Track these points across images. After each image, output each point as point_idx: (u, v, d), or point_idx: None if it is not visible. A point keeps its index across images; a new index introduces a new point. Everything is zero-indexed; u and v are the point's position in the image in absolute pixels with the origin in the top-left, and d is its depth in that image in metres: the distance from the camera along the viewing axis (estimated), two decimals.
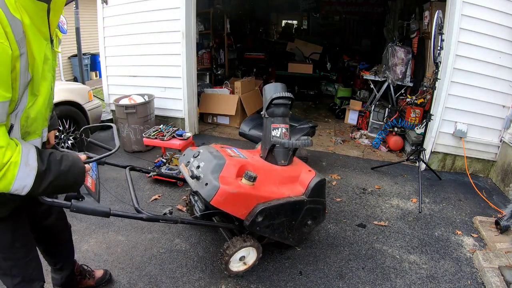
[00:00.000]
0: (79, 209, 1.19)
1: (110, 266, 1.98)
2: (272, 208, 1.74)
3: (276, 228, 1.84)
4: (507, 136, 3.20)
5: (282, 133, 2.04)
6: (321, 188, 1.98)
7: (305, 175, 2.00)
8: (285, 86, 2.17)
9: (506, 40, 3.00)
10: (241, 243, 1.81)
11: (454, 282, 1.97)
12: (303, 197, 1.90)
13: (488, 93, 3.16)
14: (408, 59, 4.50)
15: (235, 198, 1.65)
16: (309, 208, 1.92)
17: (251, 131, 2.98)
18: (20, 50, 0.89)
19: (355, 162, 3.70)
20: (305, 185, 1.94)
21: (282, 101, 2.07)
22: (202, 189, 1.66)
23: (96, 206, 1.24)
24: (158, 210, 2.60)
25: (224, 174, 1.70)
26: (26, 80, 0.94)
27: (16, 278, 1.23)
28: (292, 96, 2.09)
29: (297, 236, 2.01)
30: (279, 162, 2.03)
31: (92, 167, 1.47)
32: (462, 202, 2.92)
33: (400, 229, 2.48)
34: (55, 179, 1.00)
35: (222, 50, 6.41)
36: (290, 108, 2.14)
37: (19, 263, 1.23)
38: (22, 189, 0.94)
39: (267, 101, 2.08)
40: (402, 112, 4.12)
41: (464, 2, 2.94)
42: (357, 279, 1.97)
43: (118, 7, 4.06)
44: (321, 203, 2.01)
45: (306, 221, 1.98)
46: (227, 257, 1.79)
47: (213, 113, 4.85)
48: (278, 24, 9.78)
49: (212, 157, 1.81)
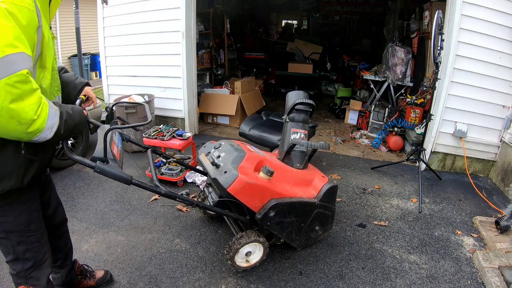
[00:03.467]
0: (103, 171, 1.22)
1: (110, 266, 1.98)
2: (284, 205, 1.78)
3: (285, 227, 1.88)
4: (507, 136, 3.20)
5: (300, 137, 2.16)
6: (332, 195, 2.03)
7: (319, 180, 2.06)
8: (307, 95, 2.28)
9: (506, 40, 3.00)
10: (255, 236, 1.85)
11: (454, 282, 1.97)
12: (315, 200, 1.94)
13: (488, 93, 3.16)
14: (408, 59, 4.50)
15: (251, 189, 1.69)
16: (319, 212, 1.96)
17: (251, 131, 2.98)
18: (39, 22, 1.03)
19: (355, 162, 3.70)
20: (317, 189, 2.00)
21: (303, 108, 2.19)
22: (221, 176, 1.72)
23: (119, 172, 1.28)
24: (158, 210, 2.60)
25: (244, 165, 1.76)
26: (37, 54, 1.07)
27: (28, 262, 1.26)
28: (313, 104, 2.21)
29: (304, 240, 2.05)
30: (295, 165, 2.10)
31: (118, 139, 1.57)
32: (462, 202, 2.92)
33: (400, 229, 2.48)
34: (68, 117, 1.13)
35: (222, 50, 6.41)
36: (310, 116, 2.25)
37: (33, 246, 1.26)
38: (51, 127, 1.05)
39: (289, 107, 2.20)
40: (402, 112, 4.12)
41: (464, 2, 2.94)
42: (357, 279, 1.97)
43: (118, 7, 4.06)
44: (331, 210, 2.05)
45: (314, 226, 2.02)
46: (239, 246, 1.82)
47: (213, 113, 4.85)
48: (278, 24, 9.80)
49: (233, 149, 1.89)
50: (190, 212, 2.59)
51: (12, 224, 1.18)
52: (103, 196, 2.76)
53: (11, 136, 0.99)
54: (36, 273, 1.31)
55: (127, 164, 3.30)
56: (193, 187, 2.97)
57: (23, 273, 1.29)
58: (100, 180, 3.02)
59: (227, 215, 1.89)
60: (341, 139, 4.44)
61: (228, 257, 1.85)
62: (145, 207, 2.63)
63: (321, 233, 2.11)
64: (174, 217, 2.51)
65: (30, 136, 1.01)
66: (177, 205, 2.66)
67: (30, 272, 1.29)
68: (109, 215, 2.51)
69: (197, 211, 2.60)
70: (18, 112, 0.93)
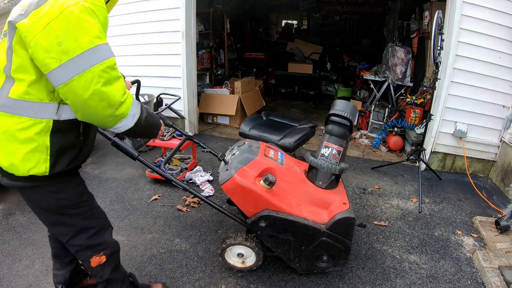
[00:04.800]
0: (117, 145, 1.37)
1: None
2: (278, 220, 1.68)
3: (280, 243, 1.75)
4: (507, 136, 3.20)
5: (331, 154, 1.89)
6: (346, 226, 1.73)
7: (337, 205, 1.79)
8: (354, 107, 1.97)
9: (506, 40, 3.00)
10: (241, 239, 1.83)
11: (454, 282, 1.97)
12: (321, 227, 1.71)
13: (488, 93, 3.16)
14: (408, 59, 4.50)
15: (244, 193, 1.67)
16: (325, 241, 1.73)
17: (251, 131, 2.97)
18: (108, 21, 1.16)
19: (355, 162, 3.70)
20: (331, 215, 1.75)
21: (340, 120, 1.90)
22: (222, 172, 1.75)
23: (129, 148, 1.41)
24: (158, 210, 2.60)
25: (247, 168, 1.71)
26: None
27: (91, 230, 1.36)
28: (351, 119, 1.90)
29: (306, 265, 1.85)
30: (317, 182, 1.90)
31: None
32: (462, 202, 2.92)
33: (400, 229, 2.48)
34: (148, 115, 1.26)
35: (222, 50, 6.41)
36: (350, 131, 1.94)
37: (90, 214, 1.36)
38: (134, 116, 1.17)
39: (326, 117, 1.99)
40: (402, 112, 4.12)
41: (464, 2, 2.93)
42: (357, 279, 1.97)
43: (118, 7, 3.99)
44: (343, 243, 1.75)
45: (320, 254, 1.79)
46: (224, 245, 1.85)
47: (213, 113, 4.85)
48: (278, 24, 9.79)
49: (247, 150, 1.85)
50: (190, 212, 2.60)
51: (69, 199, 1.27)
52: (103, 196, 2.76)
53: (98, 119, 1.09)
54: (101, 238, 1.40)
55: (126, 164, 3.30)
56: (193, 187, 2.97)
57: (89, 244, 1.37)
58: (100, 181, 3.02)
59: (221, 211, 1.86)
60: None
61: (218, 253, 1.91)
62: (145, 207, 2.63)
63: (331, 266, 1.85)
64: (174, 217, 2.51)
65: (116, 120, 1.11)
66: (177, 205, 2.66)
67: (95, 239, 1.37)
68: (109, 215, 2.47)
69: (197, 211, 2.61)
70: (107, 94, 1.05)
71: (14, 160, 1.10)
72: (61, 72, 0.99)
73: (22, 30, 0.99)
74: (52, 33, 0.97)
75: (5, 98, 1.06)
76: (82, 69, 1.00)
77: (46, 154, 1.12)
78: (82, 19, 0.99)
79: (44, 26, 0.97)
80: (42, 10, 0.98)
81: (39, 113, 1.08)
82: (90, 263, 1.40)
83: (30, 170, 1.11)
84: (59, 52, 0.98)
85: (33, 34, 0.98)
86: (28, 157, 1.10)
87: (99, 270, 1.44)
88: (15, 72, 1.05)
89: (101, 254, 1.40)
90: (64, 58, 0.98)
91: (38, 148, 1.10)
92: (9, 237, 2.24)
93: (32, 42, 0.98)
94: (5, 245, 2.16)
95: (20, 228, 2.33)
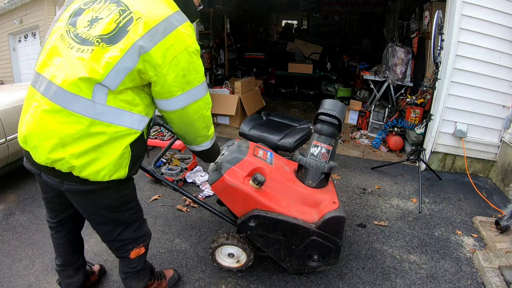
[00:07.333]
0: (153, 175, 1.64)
1: (110, 266, 1.98)
2: (268, 219, 1.66)
3: (271, 243, 1.74)
4: (507, 136, 3.20)
5: (320, 153, 1.90)
6: (336, 225, 1.71)
7: (327, 204, 1.79)
8: (343, 106, 1.98)
9: (506, 40, 3.00)
10: (223, 240, 1.84)
11: (454, 282, 1.97)
12: (311, 226, 1.70)
13: (488, 93, 3.16)
14: (408, 59, 4.50)
15: (234, 193, 1.67)
16: (315, 240, 1.72)
17: (251, 131, 2.98)
18: None
19: (355, 162, 3.70)
20: (321, 214, 1.74)
21: (328, 119, 1.90)
22: (212, 172, 1.76)
23: None
24: (158, 210, 2.60)
25: (236, 168, 1.72)
26: None
27: (136, 223, 1.45)
28: (339, 118, 1.90)
29: (297, 265, 1.83)
30: (306, 181, 1.89)
31: None
32: (462, 202, 2.92)
33: (400, 229, 2.48)
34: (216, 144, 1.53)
35: (222, 50, 6.41)
36: (339, 130, 1.94)
37: (138, 209, 1.47)
38: (213, 139, 1.47)
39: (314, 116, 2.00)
40: (402, 112, 4.12)
41: (464, 2, 2.93)
42: (357, 279, 1.97)
43: None
44: (333, 242, 1.74)
45: (311, 254, 1.78)
46: (216, 244, 1.86)
47: (213, 113, 4.85)
48: (278, 24, 9.78)
49: (236, 150, 1.85)
50: (190, 212, 2.60)
51: (128, 195, 1.37)
52: None
53: (194, 136, 1.36)
54: (143, 230, 1.49)
55: None
56: (193, 187, 2.97)
57: (135, 236, 1.44)
58: None
59: (212, 211, 1.86)
60: (341, 139, 4.44)
61: (210, 253, 1.92)
62: (145, 207, 2.62)
63: (322, 265, 1.84)
64: (174, 217, 2.51)
65: (204, 140, 1.40)
66: (177, 205, 2.66)
67: (139, 231, 1.45)
68: None
69: (197, 211, 2.61)
70: (208, 118, 1.33)
71: (100, 166, 1.14)
72: (182, 98, 1.19)
73: (154, 57, 1.09)
74: (180, 65, 1.13)
75: (104, 106, 1.10)
76: (198, 97, 1.23)
77: (128, 159, 1.21)
78: (198, 57, 1.20)
79: (172, 58, 1.11)
80: (168, 42, 1.10)
81: (136, 125, 1.19)
82: (130, 256, 1.45)
83: (112, 175, 1.18)
84: (184, 83, 1.16)
85: (163, 65, 1.10)
86: (117, 163, 1.17)
87: (136, 261, 1.49)
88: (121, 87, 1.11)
89: (141, 246, 1.48)
90: (186, 87, 1.18)
91: (124, 155, 1.19)
92: (9, 237, 2.24)
93: (163, 71, 1.11)
94: (5, 245, 2.16)
95: (20, 228, 2.33)
